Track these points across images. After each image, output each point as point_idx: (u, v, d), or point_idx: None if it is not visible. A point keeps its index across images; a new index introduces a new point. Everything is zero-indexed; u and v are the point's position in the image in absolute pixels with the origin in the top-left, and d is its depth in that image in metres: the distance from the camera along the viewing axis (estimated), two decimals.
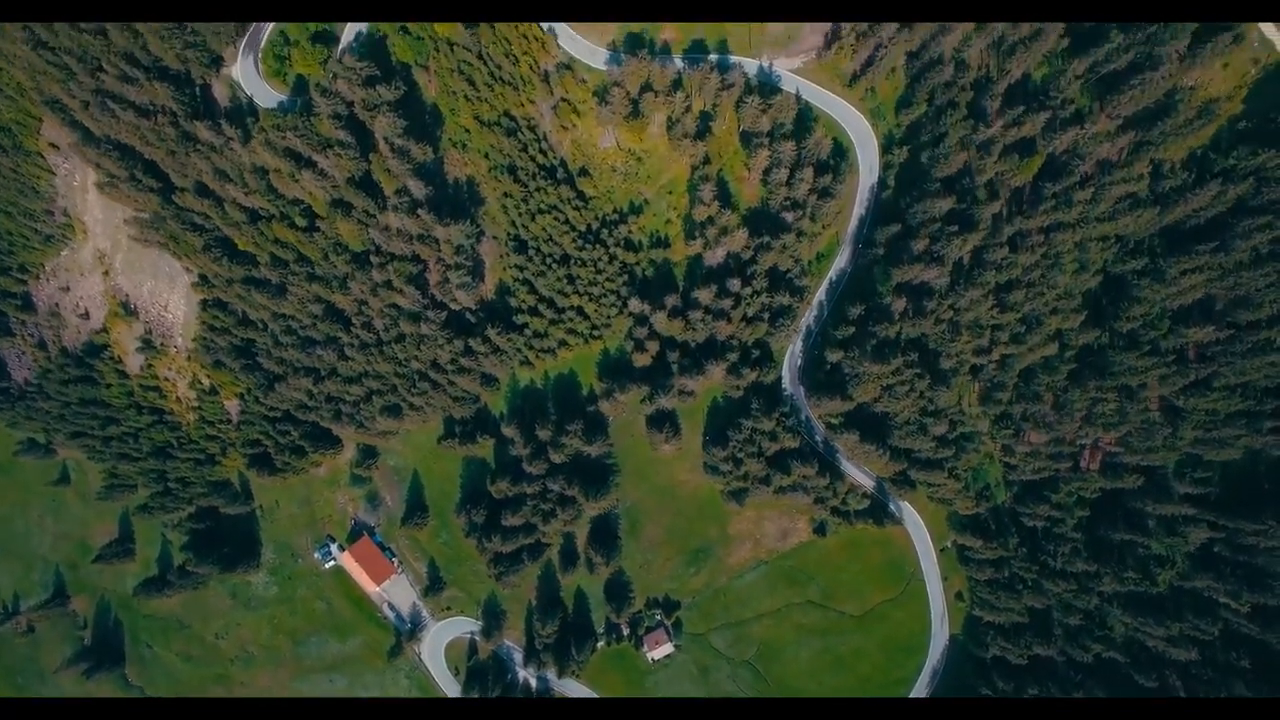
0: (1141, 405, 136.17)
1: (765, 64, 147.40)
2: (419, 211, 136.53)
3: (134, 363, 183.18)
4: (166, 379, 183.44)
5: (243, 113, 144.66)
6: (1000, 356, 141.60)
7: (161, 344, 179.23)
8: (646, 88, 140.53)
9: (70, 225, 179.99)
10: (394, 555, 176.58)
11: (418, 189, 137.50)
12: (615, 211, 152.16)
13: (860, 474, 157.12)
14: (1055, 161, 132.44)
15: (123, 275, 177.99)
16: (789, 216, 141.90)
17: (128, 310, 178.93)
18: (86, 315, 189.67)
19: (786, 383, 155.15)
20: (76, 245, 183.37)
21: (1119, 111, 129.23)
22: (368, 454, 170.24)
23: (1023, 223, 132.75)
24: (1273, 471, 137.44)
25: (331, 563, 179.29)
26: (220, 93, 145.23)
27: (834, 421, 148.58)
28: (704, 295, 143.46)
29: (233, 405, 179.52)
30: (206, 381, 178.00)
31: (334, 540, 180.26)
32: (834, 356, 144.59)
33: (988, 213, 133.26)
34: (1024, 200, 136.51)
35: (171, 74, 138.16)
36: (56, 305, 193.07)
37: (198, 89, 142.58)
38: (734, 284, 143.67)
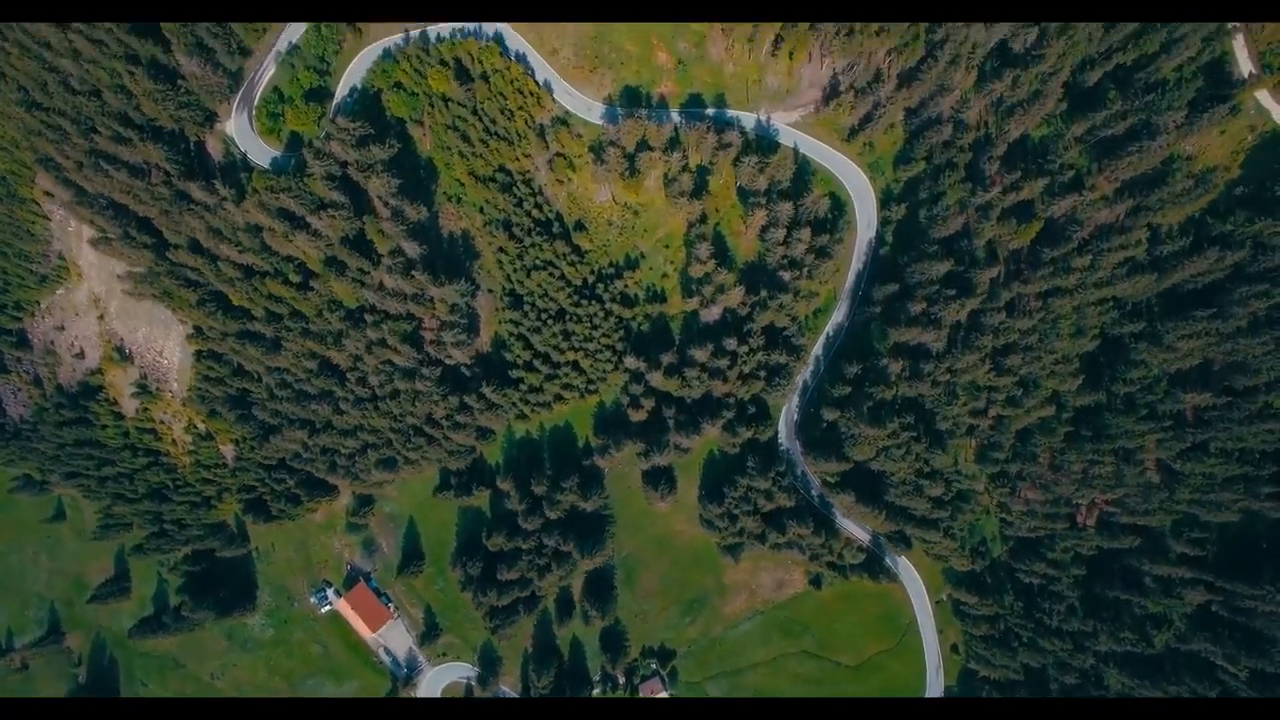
0: (1138, 469, 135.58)
1: (763, 118, 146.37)
2: (413, 272, 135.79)
3: (129, 405, 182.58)
4: (162, 422, 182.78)
5: (236, 169, 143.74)
6: (996, 416, 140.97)
7: (157, 389, 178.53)
8: (643, 146, 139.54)
9: (65, 267, 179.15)
10: (390, 601, 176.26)
11: (412, 249, 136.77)
12: (611, 265, 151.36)
13: (857, 527, 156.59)
14: (1054, 226, 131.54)
15: (117, 320, 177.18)
16: (786, 275, 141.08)
17: (122, 355, 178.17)
18: (82, 355, 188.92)
19: (783, 437, 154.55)
20: (71, 286, 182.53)
21: (1117, 176, 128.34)
22: (364, 502, 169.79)
23: (1020, 288, 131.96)
24: (1271, 532, 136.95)
25: (328, 607, 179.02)
26: (214, 148, 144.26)
27: (830, 480, 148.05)
28: (700, 354, 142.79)
29: (228, 450, 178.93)
30: (202, 426, 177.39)
31: (330, 584, 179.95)
32: (830, 415, 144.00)
33: (985, 277, 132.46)
34: (1022, 263, 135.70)
35: (165, 133, 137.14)
36: (52, 343, 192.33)
37: (191, 145, 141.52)
38: (730, 343, 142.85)
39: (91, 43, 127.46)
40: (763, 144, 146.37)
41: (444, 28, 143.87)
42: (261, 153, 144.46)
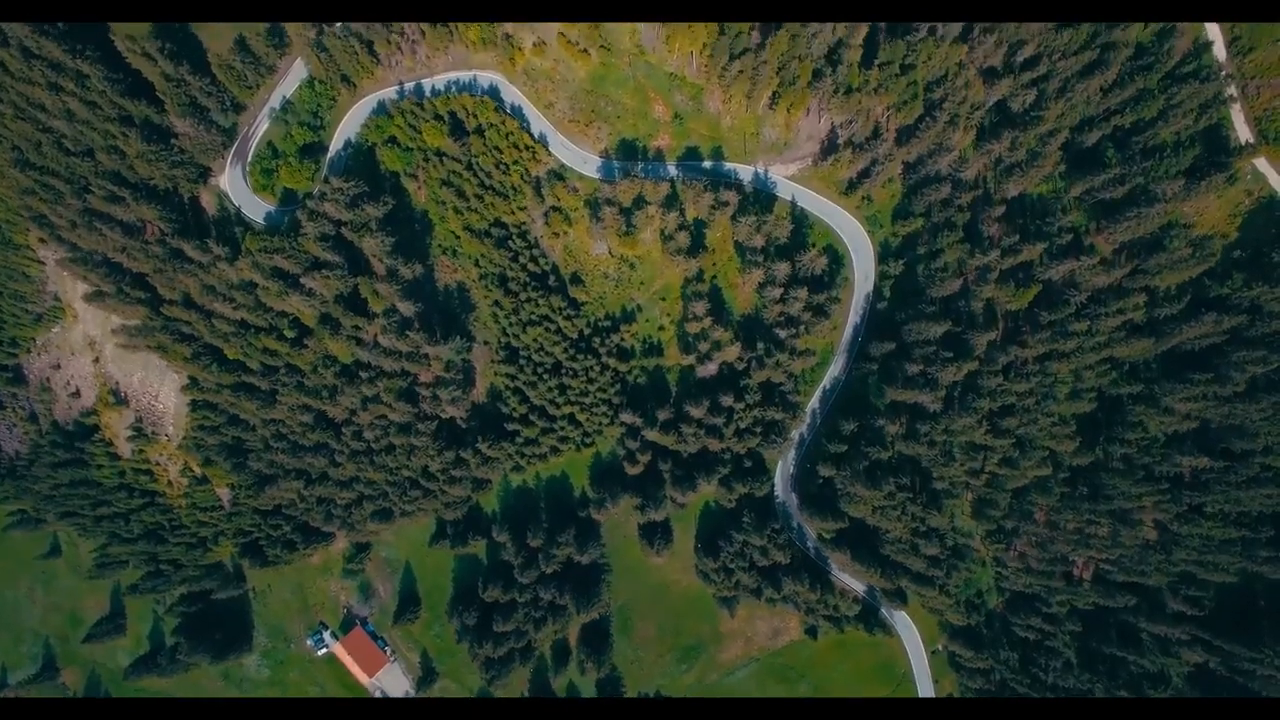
0: (1135, 530, 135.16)
1: (761, 170, 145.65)
2: (408, 332, 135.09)
3: (125, 448, 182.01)
4: (158, 464, 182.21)
5: (230, 223, 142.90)
6: (993, 473, 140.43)
7: (152, 432, 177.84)
8: (639, 203, 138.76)
9: (60, 308, 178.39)
10: (386, 645, 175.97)
11: (407, 308, 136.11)
12: (607, 317, 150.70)
13: (853, 579, 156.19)
14: (1052, 289, 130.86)
15: (113, 363, 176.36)
16: (783, 333, 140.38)
17: (118, 398, 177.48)
18: (77, 394, 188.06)
19: (779, 490, 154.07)
20: (67, 325, 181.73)
21: (1116, 238, 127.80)
22: (360, 548, 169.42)
23: (1018, 352, 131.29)
24: (1270, 591, 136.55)
25: (324, 650, 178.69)
26: (208, 202, 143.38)
27: (826, 536, 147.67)
28: (696, 411, 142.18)
29: (224, 493, 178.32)
30: (198, 470, 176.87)
31: (327, 627, 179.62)
32: (826, 472, 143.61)
33: (983, 340, 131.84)
34: (1020, 324, 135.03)
35: (159, 192, 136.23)
36: (47, 380, 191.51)
37: (185, 201, 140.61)
38: (727, 399, 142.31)
39: (85, 104, 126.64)
40: (760, 197, 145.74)
41: (439, 80, 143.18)
42: (256, 207, 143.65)
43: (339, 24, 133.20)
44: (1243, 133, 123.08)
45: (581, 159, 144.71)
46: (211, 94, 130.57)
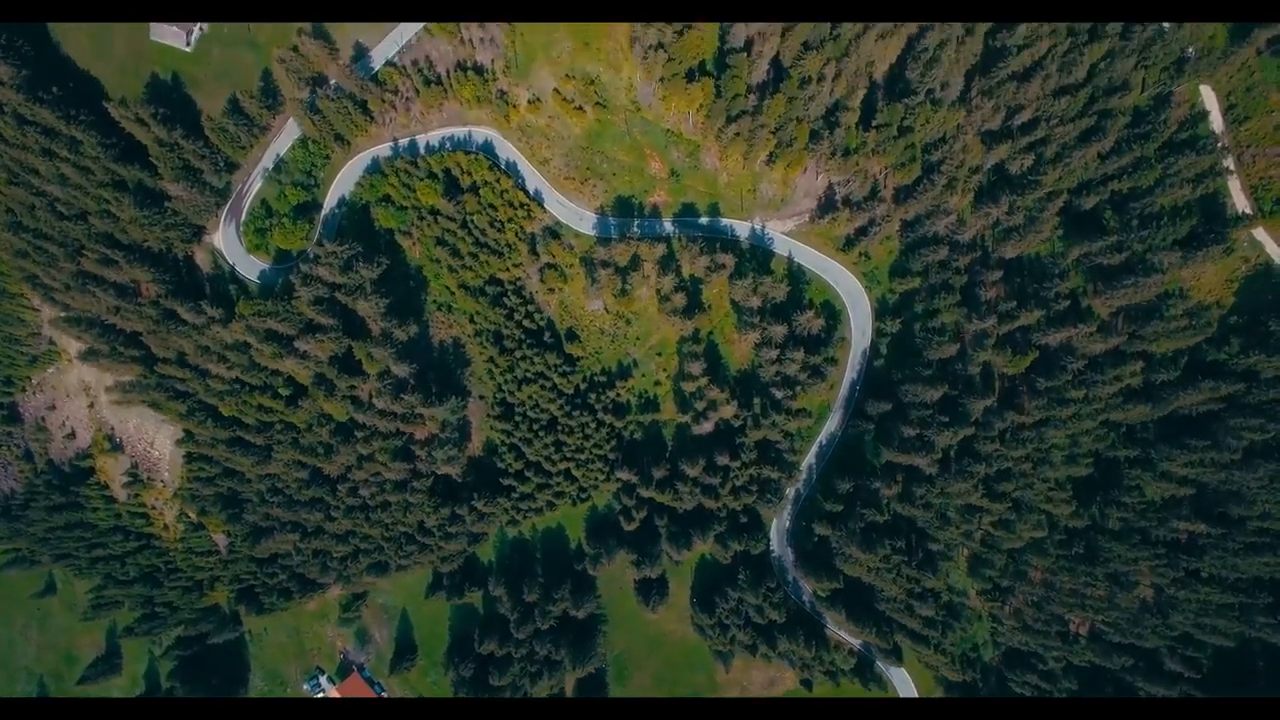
0: (1131, 593, 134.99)
1: (758, 226, 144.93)
2: (403, 395, 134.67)
3: (121, 492, 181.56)
4: (154, 508, 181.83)
5: (224, 281, 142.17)
6: (989, 534, 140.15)
7: (148, 478, 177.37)
8: (635, 264, 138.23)
9: (55, 351, 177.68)
10: (383, 690, 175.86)
11: (401, 370, 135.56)
12: (603, 372, 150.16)
13: (848, 635, 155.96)
14: (1050, 355, 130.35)
15: (107, 409, 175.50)
16: (779, 393, 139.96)
17: (113, 444, 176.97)
18: (73, 435, 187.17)
19: (775, 544, 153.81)
20: (62, 367, 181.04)
21: (1113, 302, 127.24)
22: (357, 596, 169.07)
23: (1015, 417, 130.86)
24: (1268, 653, 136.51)
25: (320, 695, 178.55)
26: (202, 260, 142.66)
27: (822, 594, 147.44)
28: (692, 470, 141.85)
29: (220, 538, 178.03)
30: (194, 516, 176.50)
31: (323, 672, 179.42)
32: (822, 530, 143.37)
33: (979, 406, 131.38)
34: (1018, 385, 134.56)
35: (152, 253, 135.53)
36: (42, 419, 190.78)
37: (180, 260, 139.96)
38: (722, 459, 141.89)
39: (78, 169, 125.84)
40: (757, 252, 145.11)
41: (433, 136, 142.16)
42: (249, 264, 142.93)
43: (333, 84, 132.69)
44: (1239, 201, 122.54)
45: (577, 216, 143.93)
46: (205, 156, 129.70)
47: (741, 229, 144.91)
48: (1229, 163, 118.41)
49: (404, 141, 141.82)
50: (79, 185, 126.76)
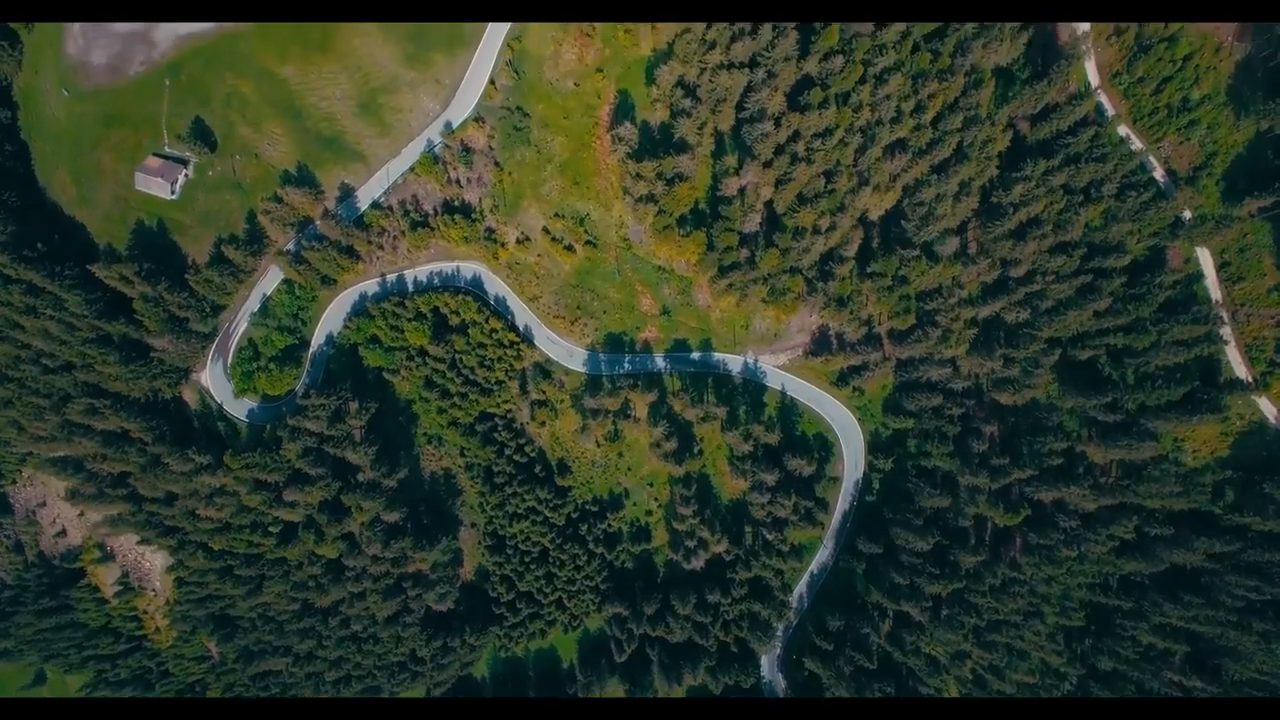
0: None
1: (750, 360, 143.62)
2: (394, 541, 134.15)
3: (113, 598, 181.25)
4: (145, 613, 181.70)
5: (213, 418, 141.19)
6: (980, 676, 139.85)
7: (139, 585, 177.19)
8: (626, 409, 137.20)
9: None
10: None
11: (391, 517, 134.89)
12: (595, 502, 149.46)
13: None
14: (1043, 510, 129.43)
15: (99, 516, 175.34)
16: (769, 535, 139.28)
17: (104, 553, 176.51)
18: (64, 533, 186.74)
19: (766, 671, 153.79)
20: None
21: (1108, 456, 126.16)
22: None
23: (1006, 573, 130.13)
24: None
25: None
26: (190, 398, 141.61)
27: None
28: (683, 608, 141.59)
29: (213, 645, 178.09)
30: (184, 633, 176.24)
31: None
32: (813, 666, 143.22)
33: (970, 561, 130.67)
34: (1010, 535, 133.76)
35: (139, 403, 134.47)
36: (33, 513, 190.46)
37: (168, 402, 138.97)
38: (713, 596, 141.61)
39: (62, 325, 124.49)
40: (749, 386, 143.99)
41: (421, 271, 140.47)
42: (238, 405, 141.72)
43: (316, 233, 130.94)
44: (1236, 364, 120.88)
45: (567, 353, 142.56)
46: (190, 306, 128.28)
47: (734, 362, 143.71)
48: (1224, 331, 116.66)
49: (391, 277, 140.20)
50: (64, 340, 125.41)
